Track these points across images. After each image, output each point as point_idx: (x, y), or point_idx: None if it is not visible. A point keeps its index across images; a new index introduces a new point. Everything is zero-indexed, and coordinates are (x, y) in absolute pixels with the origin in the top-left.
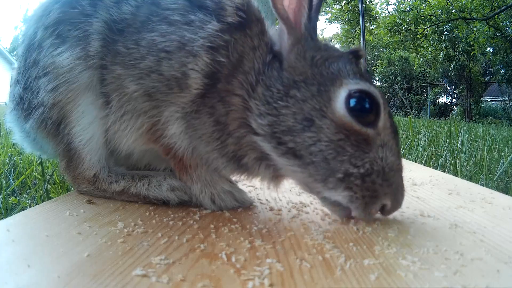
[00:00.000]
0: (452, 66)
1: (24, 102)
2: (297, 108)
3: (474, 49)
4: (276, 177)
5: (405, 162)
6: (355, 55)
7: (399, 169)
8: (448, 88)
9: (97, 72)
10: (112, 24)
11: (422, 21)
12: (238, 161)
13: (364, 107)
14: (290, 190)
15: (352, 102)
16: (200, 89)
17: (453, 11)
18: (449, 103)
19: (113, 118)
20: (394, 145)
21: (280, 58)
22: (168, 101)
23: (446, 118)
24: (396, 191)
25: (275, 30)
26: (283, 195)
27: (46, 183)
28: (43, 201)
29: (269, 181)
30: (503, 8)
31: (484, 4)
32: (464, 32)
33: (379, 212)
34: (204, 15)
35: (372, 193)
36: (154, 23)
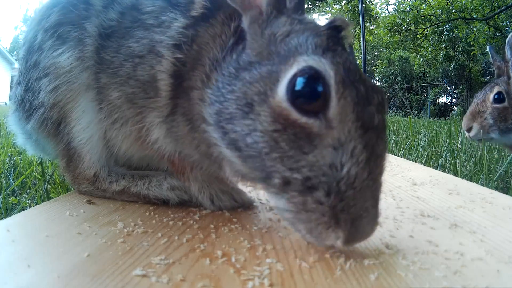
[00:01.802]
0: (452, 66)
1: (25, 103)
2: (241, 92)
3: (474, 49)
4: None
5: (405, 162)
6: (332, 27)
7: (368, 187)
8: (448, 88)
9: (92, 75)
10: (102, 30)
11: (422, 21)
12: (213, 159)
13: (308, 90)
14: None
15: (297, 83)
16: (169, 91)
17: (453, 11)
18: (449, 103)
19: (105, 126)
20: (359, 148)
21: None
22: (147, 107)
23: (446, 118)
24: (357, 219)
25: None
26: None
27: (46, 183)
28: (43, 201)
29: (233, 178)
30: (503, 8)
31: (484, 4)
32: (464, 32)
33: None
34: (174, 14)
35: (318, 215)
36: (133, 29)
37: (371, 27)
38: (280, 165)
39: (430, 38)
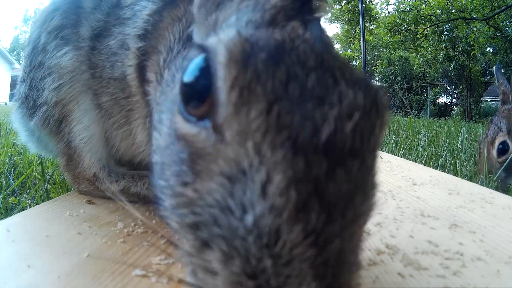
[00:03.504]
0: (452, 66)
1: (29, 101)
2: (166, 95)
3: (474, 49)
4: None
5: (405, 162)
6: None
7: (305, 259)
8: (448, 88)
9: (91, 79)
10: (91, 32)
11: (422, 21)
12: None
13: (197, 82)
14: None
15: (186, 72)
16: (138, 86)
17: (453, 11)
18: (449, 103)
19: (106, 127)
20: (279, 181)
21: None
22: (130, 109)
23: (446, 118)
24: None
25: None
26: None
27: (46, 183)
28: (43, 201)
29: None
30: (503, 8)
31: (484, 4)
32: (464, 32)
33: None
34: (146, 2)
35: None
36: (113, 27)
37: (371, 27)
38: (165, 196)
39: (430, 38)
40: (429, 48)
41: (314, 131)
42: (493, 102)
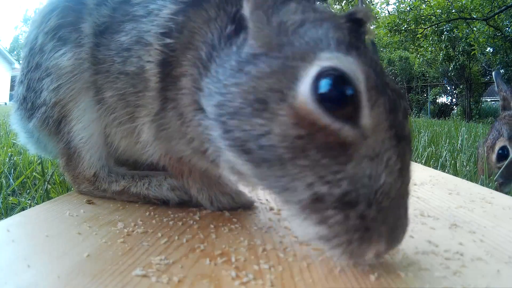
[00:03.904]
0: (452, 66)
1: (28, 102)
2: (249, 86)
3: (474, 49)
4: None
5: None
6: (353, 19)
7: (401, 196)
8: (448, 88)
9: (92, 76)
10: (96, 28)
11: (422, 21)
12: (208, 157)
13: (335, 94)
14: None
15: (322, 85)
16: (158, 82)
17: (453, 11)
18: (449, 103)
19: (106, 124)
20: (393, 158)
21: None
22: (138, 105)
23: (446, 118)
24: (394, 228)
25: None
26: None
27: (46, 183)
28: (43, 201)
29: (235, 180)
30: (503, 8)
31: (484, 4)
32: (464, 32)
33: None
34: (163, 1)
35: (360, 232)
36: (124, 23)
37: (371, 27)
38: (311, 174)
39: (430, 38)
40: (429, 48)
41: (403, 128)
42: (493, 102)
